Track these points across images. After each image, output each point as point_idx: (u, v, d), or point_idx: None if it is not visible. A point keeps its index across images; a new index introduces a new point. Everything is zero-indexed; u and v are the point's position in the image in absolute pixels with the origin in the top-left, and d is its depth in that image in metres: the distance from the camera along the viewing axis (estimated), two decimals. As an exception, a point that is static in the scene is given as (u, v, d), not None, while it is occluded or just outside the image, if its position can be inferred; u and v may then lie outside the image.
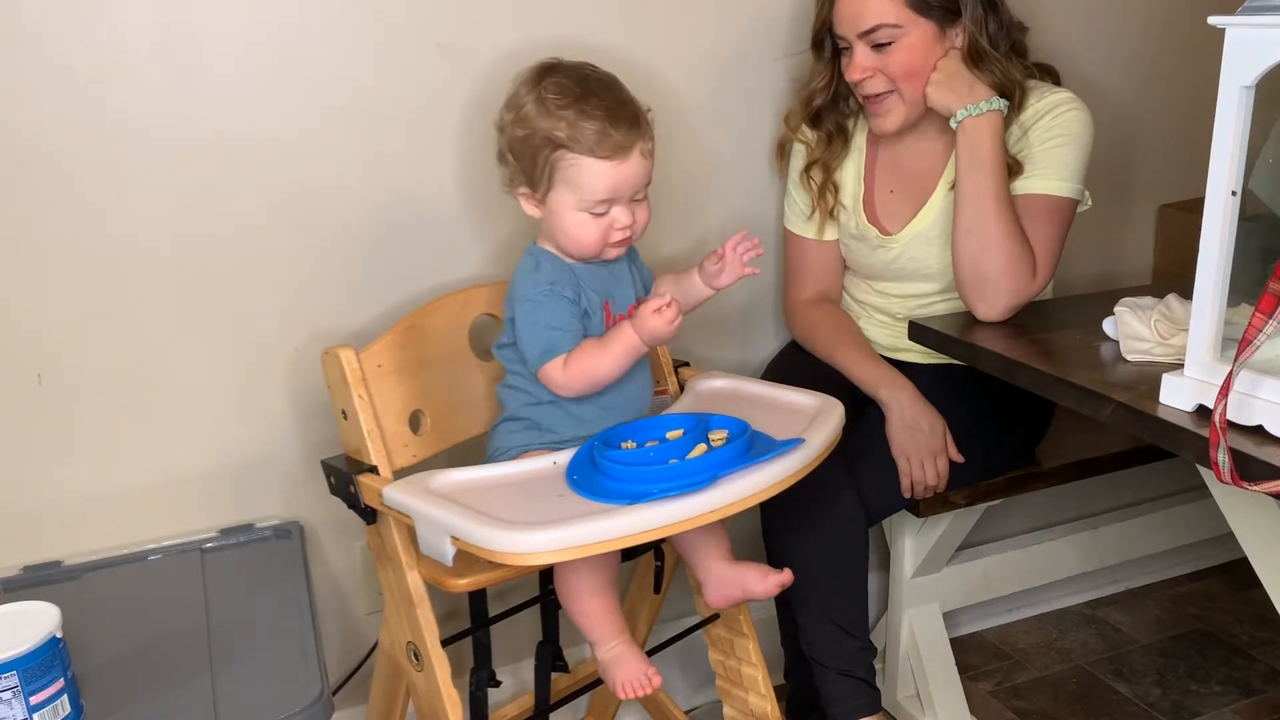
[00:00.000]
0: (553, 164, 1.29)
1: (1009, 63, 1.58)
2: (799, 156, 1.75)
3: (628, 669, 1.28)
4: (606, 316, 1.36)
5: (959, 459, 1.65)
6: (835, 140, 1.71)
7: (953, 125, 1.55)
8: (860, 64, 1.57)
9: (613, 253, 1.35)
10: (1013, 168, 1.57)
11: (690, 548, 1.42)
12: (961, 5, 1.55)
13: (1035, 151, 1.58)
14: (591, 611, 1.31)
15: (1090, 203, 1.64)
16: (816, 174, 1.72)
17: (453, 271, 1.65)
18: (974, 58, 1.56)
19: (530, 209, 1.35)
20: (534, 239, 1.38)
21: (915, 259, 1.68)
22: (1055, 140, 1.57)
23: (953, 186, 1.60)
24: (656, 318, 1.27)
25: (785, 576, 1.36)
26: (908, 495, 1.65)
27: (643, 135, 1.31)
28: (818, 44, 1.66)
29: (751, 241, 1.42)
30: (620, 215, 1.31)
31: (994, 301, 1.53)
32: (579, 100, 1.28)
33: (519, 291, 1.34)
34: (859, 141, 1.73)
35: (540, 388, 1.35)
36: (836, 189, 1.72)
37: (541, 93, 1.29)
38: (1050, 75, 1.68)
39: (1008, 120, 1.57)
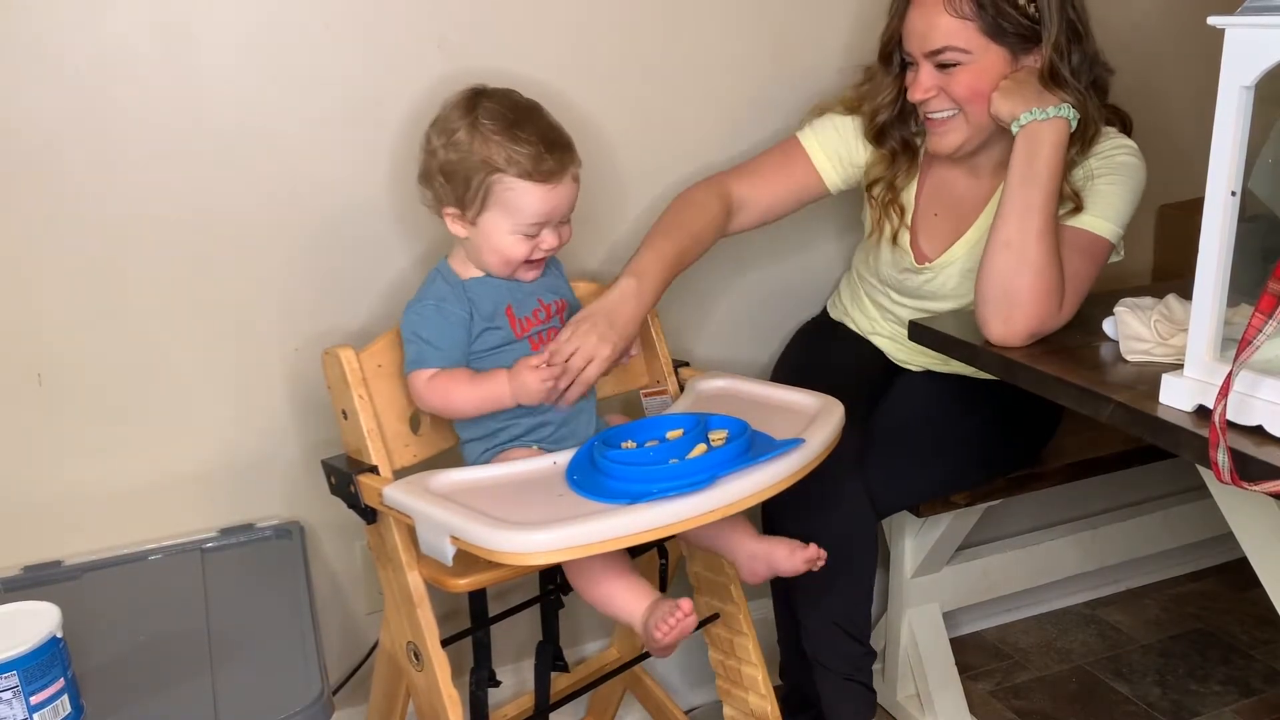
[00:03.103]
0: (487, 187, 1.32)
1: (1090, 93, 1.49)
2: (846, 125, 1.65)
3: (656, 615, 1.24)
4: (511, 321, 1.39)
5: (620, 364, 1.49)
6: (900, 158, 1.64)
7: (1014, 130, 1.44)
8: (923, 84, 1.51)
9: (530, 274, 1.40)
10: (1074, 201, 1.48)
11: (714, 534, 1.41)
12: (1043, 31, 1.46)
13: (1085, 185, 1.50)
14: (611, 592, 1.30)
15: (1123, 255, 1.58)
16: (881, 192, 1.66)
17: (453, 271, 1.65)
18: (1051, 81, 1.48)
19: (457, 229, 1.37)
20: (444, 257, 1.42)
21: (945, 285, 1.64)
22: (1105, 179, 1.50)
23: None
24: (533, 375, 1.31)
25: (812, 553, 1.35)
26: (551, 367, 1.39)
27: (574, 160, 1.36)
28: (885, 57, 1.59)
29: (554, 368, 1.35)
30: (549, 238, 1.36)
31: (1014, 325, 1.40)
32: (513, 125, 1.32)
33: (409, 302, 1.39)
34: (918, 164, 1.67)
35: None
36: (903, 211, 1.66)
37: (477, 118, 1.33)
38: (1121, 121, 1.59)
39: (1073, 160, 1.48)
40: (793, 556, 1.36)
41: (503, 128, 1.31)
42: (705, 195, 1.61)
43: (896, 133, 1.63)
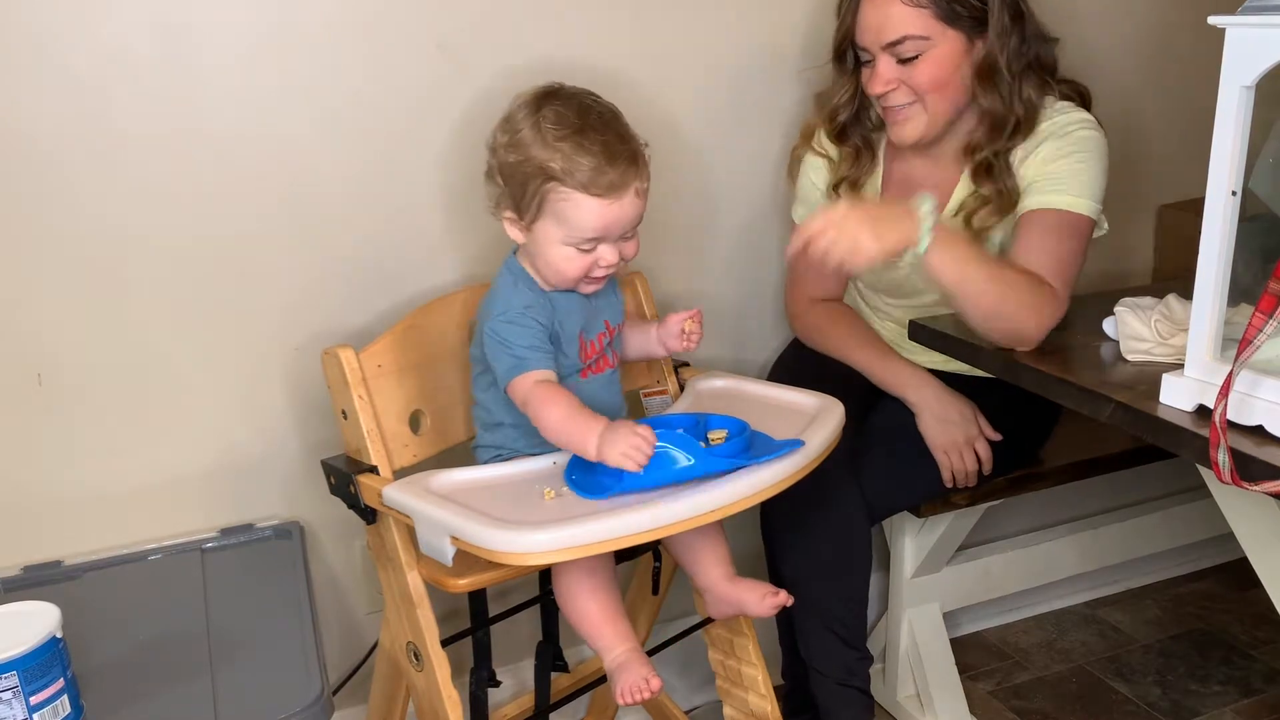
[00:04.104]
0: (543, 194, 1.26)
1: (1024, 82, 1.50)
2: (816, 166, 1.70)
3: (628, 674, 1.27)
4: (581, 346, 1.35)
5: (996, 437, 1.64)
6: (863, 155, 1.65)
7: (910, 259, 1.35)
8: (883, 76, 1.50)
9: (589, 288, 1.34)
10: (1012, 193, 1.51)
11: (689, 558, 1.42)
12: (989, 14, 1.47)
13: (1047, 168, 1.51)
14: (591, 615, 1.30)
15: (1106, 228, 1.59)
16: (846, 191, 1.66)
17: (453, 271, 1.65)
18: (984, 75, 1.49)
19: (514, 234, 1.32)
20: (513, 250, 1.37)
21: (924, 276, 1.65)
22: (1067, 157, 1.50)
23: (957, 213, 1.57)
24: (629, 453, 1.16)
25: (783, 599, 1.35)
26: (950, 486, 1.64)
27: (639, 175, 1.27)
28: (840, 56, 1.59)
29: (698, 323, 1.44)
30: (606, 254, 1.29)
31: (1026, 340, 1.40)
32: (577, 133, 1.24)
33: (494, 308, 1.31)
34: (879, 159, 1.68)
35: (497, 406, 1.36)
36: None
37: (540, 120, 1.26)
38: (1079, 95, 1.59)
39: (1012, 144, 1.50)
40: (762, 603, 1.35)
41: (567, 133, 1.24)
42: (832, 309, 1.76)
43: (857, 130, 1.64)
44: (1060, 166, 1.50)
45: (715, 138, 1.79)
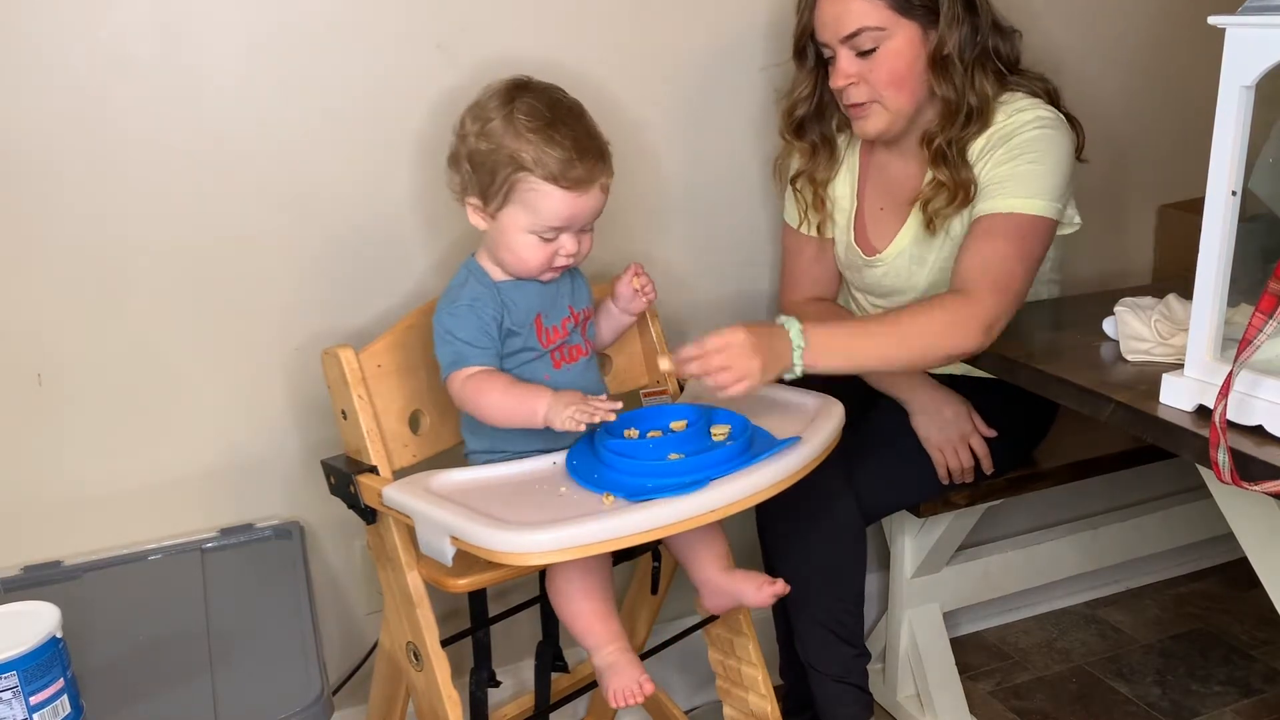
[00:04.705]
0: (512, 183, 1.29)
1: (978, 72, 1.51)
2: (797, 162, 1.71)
3: (620, 677, 1.28)
4: (538, 330, 1.36)
5: (990, 434, 1.64)
6: (821, 152, 1.66)
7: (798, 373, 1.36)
8: (844, 70, 1.51)
9: (549, 276, 1.36)
10: (966, 184, 1.51)
11: (687, 553, 1.42)
12: (940, 3, 1.48)
13: (996, 173, 1.49)
14: (584, 615, 1.32)
15: (1079, 223, 1.58)
16: (804, 185, 1.68)
17: (453, 271, 1.64)
18: (937, 63, 1.49)
19: (477, 220, 1.35)
20: (473, 253, 1.39)
21: (900, 275, 1.65)
22: (1015, 160, 1.48)
23: (926, 205, 1.56)
24: (574, 415, 1.23)
25: (780, 588, 1.36)
26: (946, 483, 1.65)
27: (605, 170, 1.32)
28: (799, 53, 1.60)
29: (644, 274, 1.47)
30: (568, 243, 1.32)
31: (965, 354, 1.42)
32: (548, 125, 1.27)
33: (440, 302, 1.36)
34: (851, 161, 1.69)
35: None
36: (827, 203, 1.68)
37: (512, 111, 1.29)
38: (1045, 92, 1.56)
39: (969, 136, 1.51)
40: (760, 592, 1.37)
41: (538, 126, 1.27)
42: (825, 310, 1.75)
43: (815, 127, 1.65)
44: (1007, 170, 1.49)
45: (697, 148, 1.79)
